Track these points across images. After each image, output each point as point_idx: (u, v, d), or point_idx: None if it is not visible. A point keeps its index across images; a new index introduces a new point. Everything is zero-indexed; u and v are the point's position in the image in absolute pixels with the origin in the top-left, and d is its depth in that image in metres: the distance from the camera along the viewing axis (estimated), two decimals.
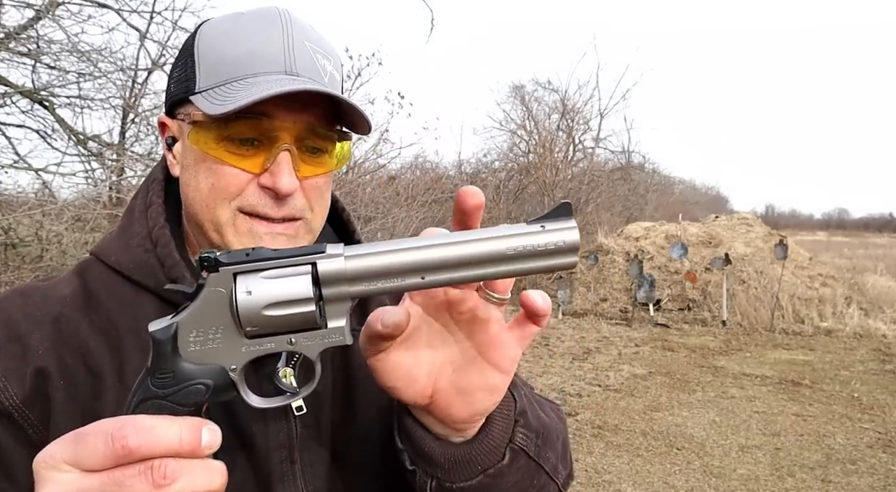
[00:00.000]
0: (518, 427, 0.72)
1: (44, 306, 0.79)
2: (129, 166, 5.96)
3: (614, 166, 23.40)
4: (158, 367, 0.57)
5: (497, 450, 0.70)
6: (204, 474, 0.54)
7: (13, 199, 5.20)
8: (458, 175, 16.72)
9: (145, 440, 0.51)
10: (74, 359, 0.76)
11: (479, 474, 0.70)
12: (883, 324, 10.69)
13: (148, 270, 0.81)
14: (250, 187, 0.78)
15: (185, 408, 0.57)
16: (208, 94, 0.77)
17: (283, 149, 0.76)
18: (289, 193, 0.77)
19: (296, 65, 0.78)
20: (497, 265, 0.58)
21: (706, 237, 13.52)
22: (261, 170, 0.77)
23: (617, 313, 11.98)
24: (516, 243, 0.57)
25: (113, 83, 5.84)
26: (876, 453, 5.50)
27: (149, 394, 0.57)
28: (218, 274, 0.57)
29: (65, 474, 0.52)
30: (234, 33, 0.79)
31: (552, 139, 19.65)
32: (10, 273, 4.73)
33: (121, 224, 0.87)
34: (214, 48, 0.79)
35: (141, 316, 0.79)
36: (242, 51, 0.77)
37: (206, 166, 0.78)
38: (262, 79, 0.75)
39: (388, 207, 10.06)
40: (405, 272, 0.57)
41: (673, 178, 32.87)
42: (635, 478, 5.05)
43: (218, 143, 0.76)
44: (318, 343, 0.59)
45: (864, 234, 61.28)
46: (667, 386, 7.54)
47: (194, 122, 0.78)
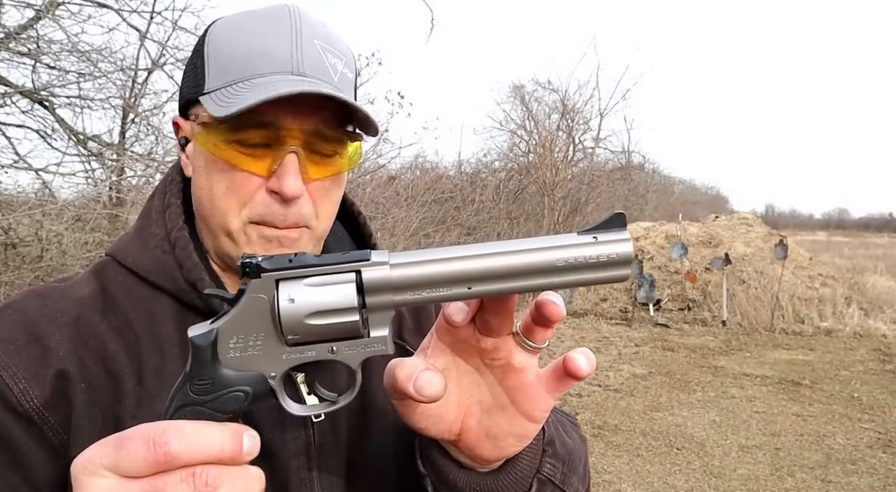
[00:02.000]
0: (546, 457, 0.70)
1: (63, 308, 0.78)
2: (129, 166, 5.96)
3: (614, 166, 23.40)
4: (198, 373, 0.56)
5: (524, 481, 0.68)
6: (244, 481, 0.53)
7: (13, 199, 5.20)
8: (458, 175, 16.72)
9: (188, 447, 0.50)
10: (94, 362, 0.75)
11: None
12: (883, 324, 10.69)
13: (166, 272, 0.80)
14: (259, 194, 0.76)
15: (224, 415, 0.56)
16: (215, 95, 0.76)
17: (290, 151, 0.75)
18: (294, 196, 0.75)
19: (303, 64, 0.76)
20: (546, 277, 0.55)
21: (706, 237, 13.52)
22: (268, 173, 0.76)
23: (617, 313, 11.98)
24: (567, 255, 0.55)
25: (113, 83, 5.84)
26: (876, 453, 5.50)
27: (188, 400, 0.56)
28: (260, 280, 0.55)
29: (105, 480, 0.51)
30: (242, 32, 0.77)
31: (552, 139, 19.63)
32: (10, 273, 4.73)
33: (137, 225, 0.86)
34: (222, 47, 0.77)
35: (158, 318, 0.79)
36: (249, 50, 0.76)
37: (218, 168, 0.77)
38: (268, 79, 0.74)
39: (388, 206, 10.06)
40: (452, 282, 0.55)
41: (673, 178, 32.90)
42: (635, 478, 5.05)
43: (227, 144, 0.75)
44: (359, 352, 0.58)
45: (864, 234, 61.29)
46: (667, 386, 7.54)
47: (203, 123, 0.77)
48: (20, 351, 0.73)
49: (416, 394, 0.58)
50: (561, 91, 21.01)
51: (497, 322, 0.59)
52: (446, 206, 13.50)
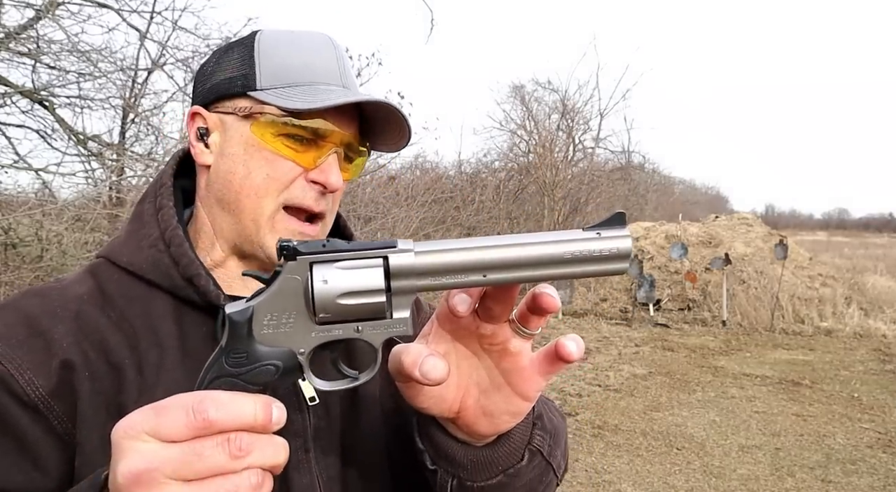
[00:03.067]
0: (536, 430, 0.77)
1: (63, 303, 0.81)
2: (129, 166, 5.96)
3: (614, 166, 23.39)
4: (234, 347, 0.60)
5: (517, 451, 0.74)
6: (272, 449, 0.58)
7: (13, 199, 5.20)
8: (458, 175, 16.72)
9: (224, 414, 0.55)
10: (96, 354, 0.79)
11: (500, 473, 0.74)
12: (883, 324, 10.70)
13: (162, 269, 0.84)
14: (298, 181, 0.86)
15: (255, 387, 0.60)
16: (277, 92, 0.84)
17: (334, 151, 0.87)
18: (337, 188, 0.87)
19: (347, 81, 0.89)
20: (553, 268, 0.61)
21: (706, 237, 13.52)
22: (311, 166, 0.86)
23: (617, 313, 11.98)
24: (574, 248, 0.60)
25: (113, 83, 5.84)
26: (876, 453, 5.50)
27: (223, 372, 0.60)
28: (295, 263, 0.60)
29: (146, 444, 0.54)
30: (294, 45, 0.88)
31: (552, 139, 19.62)
32: (10, 273, 4.73)
33: (129, 229, 0.90)
34: (276, 54, 0.87)
35: (154, 314, 0.83)
36: (305, 61, 0.87)
37: (262, 156, 0.85)
38: (324, 88, 0.85)
39: (388, 206, 10.07)
40: (469, 270, 0.60)
41: (673, 178, 32.89)
42: (635, 478, 5.05)
43: (276, 136, 0.84)
44: (382, 332, 0.62)
45: (864, 234, 61.28)
46: (667, 386, 7.54)
47: (253, 114, 0.85)
48: (22, 344, 0.76)
49: (421, 377, 0.62)
50: (561, 91, 21.02)
51: (499, 310, 0.65)
52: (446, 206, 13.49)
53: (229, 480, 0.55)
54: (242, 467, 0.55)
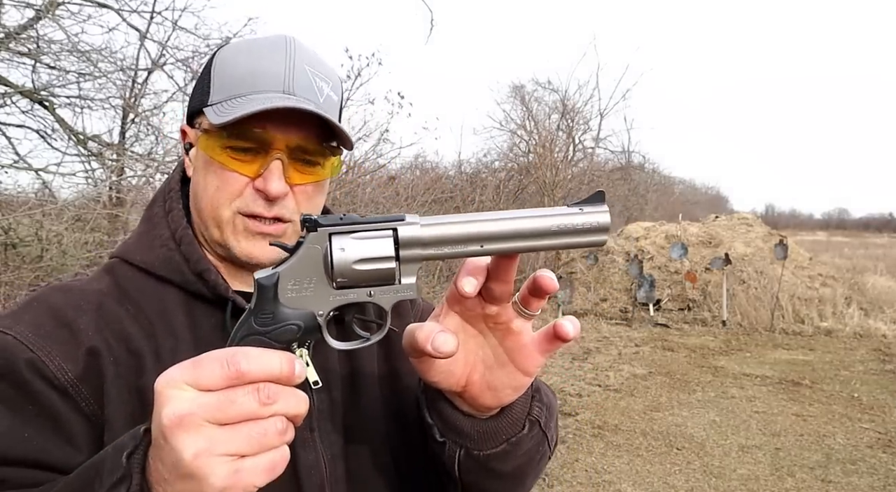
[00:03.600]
0: (534, 402, 0.84)
1: (85, 297, 0.89)
2: (129, 166, 5.96)
3: (614, 166, 23.39)
4: (261, 308, 0.67)
5: (519, 422, 0.82)
6: (295, 400, 0.64)
7: (13, 199, 5.20)
8: (458, 175, 16.72)
9: (254, 366, 0.62)
10: (117, 342, 0.85)
11: (504, 442, 0.81)
12: (883, 324, 10.70)
13: (174, 266, 0.91)
14: (247, 190, 0.89)
15: (279, 344, 0.67)
16: (216, 106, 0.89)
17: (276, 157, 0.88)
18: (277, 195, 0.88)
19: (294, 86, 0.89)
20: (542, 239, 0.69)
21: (706, 237, 13.52)
22: (256, 174, 0.89)
23: (617, 313, 11.98)
24: (560, 222, 0.69)
25: (113, 83, 5.84)
26: (876, 453, 5.50)
27: (252, 331, 0.67)
28: (317, 233, 0.67)
29: (185, 392, 0.61)
30: (245, 55, 0.91)
31: (552, 139, 19.61)
32: (10, 273, 4.73)
33: (140, 230, 0.97)
34: (226, 67, 0.91)
35: (168, 307, 0.89)
36: (247, 71, 0.89)
37: (213, 170, 0.90)
38: (262, 96, 0.87)
39: (388, 207, 10.06)
40: (468, 240, 0.68)
41: (673, 178, 32.87)
42: (635, 478, 5.05)
43: (222, 149, 0.88)
44: (391, 296, 0.69)
45: (864, 234, 61.27)
46: (667, 386, 7.54)
47: (204, 130, 0.90)
48: (51, 334, 0.83)
49: (433, 351, 0.69)
50: (561, 91, 21.02)
51: (500, 291, 0.71)
52: (446, 206, 13.49)
53: (259, 424, 0.61)
54: (269, 414, 0.62)
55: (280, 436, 0.63)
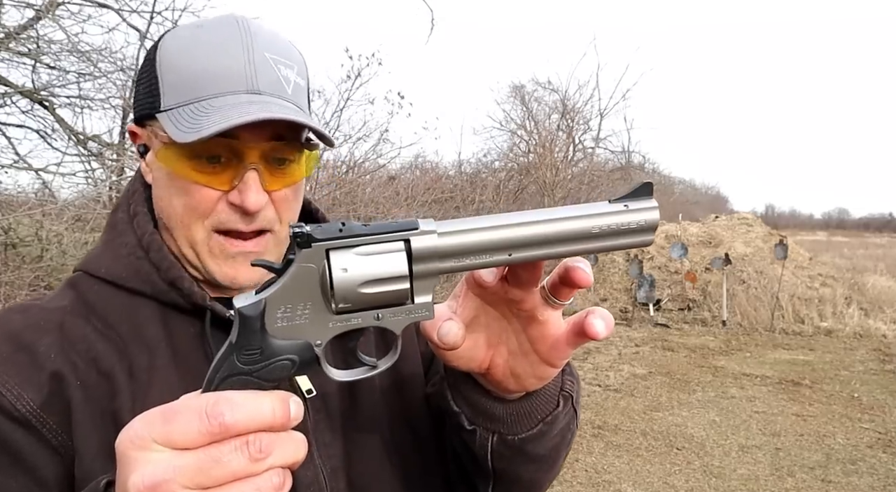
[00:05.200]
0: (566, 376, 0.77)
1: (46, 316, 0.80)
2: (129, 166, 5.95)
3: (614, 166, 23.38)
4: (246, 343, 0.56)
5: (553, 398, 0.75)
6: (293, 446, 0.55)
7: (13, 199, 5.20)
8: (458, 175, 16.73)
9: (241, 416, 0.52)
10: (85, 363, 0.77)
11: (539, 423, 0.74)
12: (883, 324, 10.69)
13: (143, 276, 0.81)
14: (220, 205, 0.79)
15: (270, 383, 0.56)
16: (173, 114, 0.77)
17: (251, 168, 0.77)
18: (256, 210, 0.78)
19: (258, 81, 0.77)
20: (581, 243, 0.59)
21: (706, 237, 13.52)
22: (229, 187, 0.78)
23: (617, 313, 11.98)
24: (602, 222, 0.59)
25: (113, 83, 5.84)
26: (876, 453, 5.50)
27: (235, 370, 0.56)
28: (310, 250, 0.55)
29: (157, 454, 0.51)
30: (194, 49, 0.78)
31: (552, 139, 19.61)
32: (10, 273, 4.73)
33: (104, 239, 0.87)
34: (175, 65, 0.78)
35: (140, 320, 0.81)
36: (203, 69, 0.77)
37: (178, 186, 0.79)
38: (226, 101, 0.75)
39: (388, 206, 10.06)
40: (495, 249, 0.57)
41: (673, 178, 32.81)
42: (635, 478, 5.05)
43: (187, 161, 0.77)
44: (404, 318, 0.59)
45: (864, 234, 61.24)
46: (667, 386, 7.54)
47: (162, 141, 0.79)
48: (7, 360, 0.75)
49: (438, 341, 0.63)
50: (561, 91, 20.99)
51: (527, 276, 0.62)
52: (446, 206, 13.49)
53: (251, 482, 0.52)
54: (264, 469, 0.53)
55: (276, 491, 0.53)
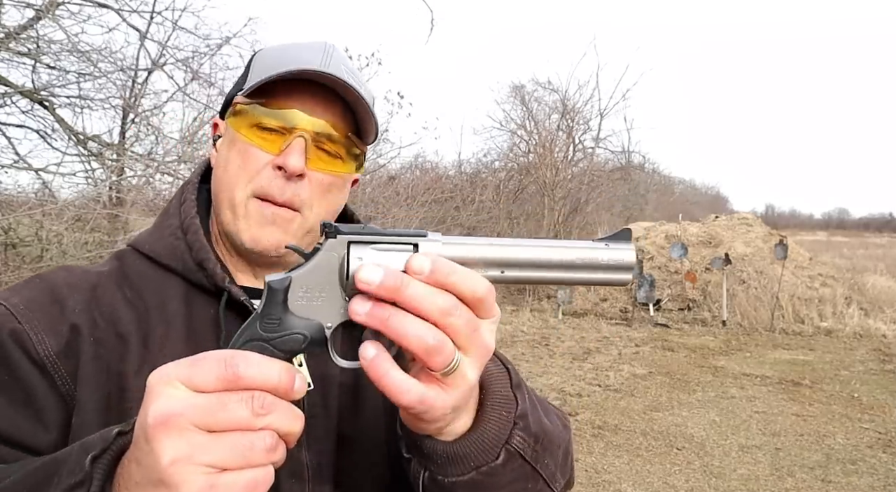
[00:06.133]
0: (516, 430, 0.74)
1: (84, 277, 0.89)
2: (129, 166, 5.96)
3: (614, 166, 23.35)
4: (268, 313, 0.64)
5: (492, 449, 0.72)
6: (290, 416, 0.60)
7: (13, 199, 5.20)
8: (458, 175, 16.73)
9: (253, 372, 0.58)
10: (106, 323, 0.85)
11: (472, 470, 0.71)
12: (883, 324, 10.70)
13: (177, 255, 0.90)
14: (266, 169, 0.88)
15: (282, 354, 0.63)
16: (248, 87, 0.90)
17: (298, 135, 0.87)
18: (294, 170, 0.86)
19: (328, 69, 0.87)
20: (564, 271, 0.67)
21: (706, 237, 13.52)
22: (278, 151, 0.87)
23: (617, 313, 11.98)
24: (584, 255, 0.67)
25: (113, 83, 5.84)
26: (876, 453, 5.50)
27: (255, 335, 0.63)
28: (335, 240, 0.64)
29: (177, 391, 0.57)
30: (284, 50, 0.92)
31: (552, 139, 19.61)
32: (10, 273, 4.73)
33: (157, 221, 0.97)
34: (266, 60, 0.92)
35: (166, 295, 0.89)
36: (284, 58, 0.89)
37: (237, 147, 0.90)
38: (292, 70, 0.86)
39: (388, 206, 10.07)
40: (490, 265, 0.66)
41: (673, 178, 32.84)
42: (635, 478, 5.05)
43: (249, 127, 0.88)
44: None
45: (864, 234, 61.26)
46: (667, 386, 7.54)
47: (233, 112, 0.91)
48: (41, 308, 0.83)
49: None
50: (561, 91, 20.97)
51: None
52: (446, 206, 13.50)
53: (246, 436, 0.57)
54: (261, 426, 0.58)
55: (268, 453, 0.58)
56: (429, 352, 0.60)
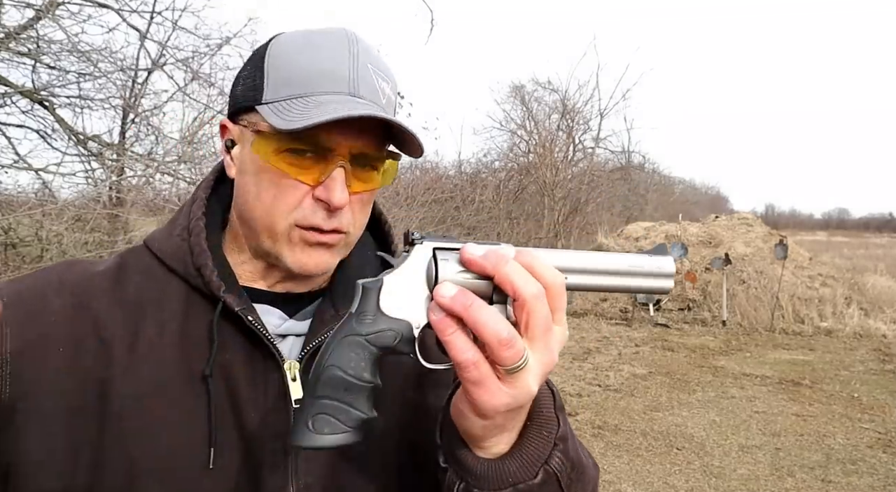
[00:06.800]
0: (556, 451, 0.74)
1: (79, 278, 0.85)
2: (129, 166, 5.96)
3: (614, 166, 23.37)
4: (363, 311, 0.69)
5: (531, 467, 0.72)
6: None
7: (13, 199, 5.20)
8: (458, 175, 16.73)
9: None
10: (89, 328, 0.81)
11: (509, 486, 0.71)
12: (883, 324, 10.70)
13: (180, 256, 0.87)
14: (306, 201, 0.82)
15: (376, 349, 0.68)
16: (275, 106, 0.81)
17: (339, 165, 0.81)
18: (340, 206, 0.81)
19: (359, 87, 0.82)
20: (617, 278, 0.75)
21: (706, 237, 13.52)
22: (316, 183, 0.82)
23: (617, 313, 11.98)
24: (632, 262, 0.76)
25: (113, 83, 5.83)
26: (876, 453, 5.50)
27: (352, 331, 0.68)
28: (422, 246, 0.71)
29: None
30: (304, 50, 0.83)
31: (552, 139, 19.63)
32: (10, 273, 4.73)
33: (170, 219, 0.94)
34: (284, 62, 0.83)
35: (165, 296, 0.85)
36: (311, 68, 0.82)
37: (269, 177, 0.83)
38: (328, 99, 0.80)
39: (388, 206, 10.07)
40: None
41: (673, 178, 32.85)
42: (635, 478, 5.05)
43: (278, 154, 0.81)
44: None
45: (864, 234, 61.27)
46: (667, 386, 7.54)
47: (258, 131, 0.83)
48: (25, 302, 0.81)
49: None
50: (561, 91, 20.98)
51: None
52: (446, 206, 13.51)
53: None
54: None
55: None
56: (501, 343, 0.64)
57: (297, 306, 0.90)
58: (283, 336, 0.87)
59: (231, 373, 0.82)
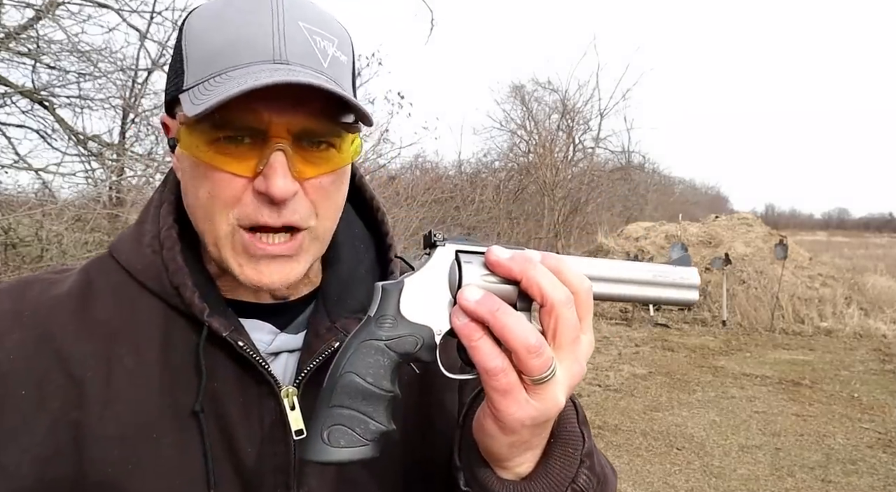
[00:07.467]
0: (583, 468, 0.70)
1: (37, 305, 0.74)
2: (129, 166, 5.96)
3: (614, 166, 23.37)
4: (383, 314, 0.64)
5: (559, 487, 0.68)
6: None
7: (13, 199, 5.20)
8: (457, 175, 16.74)
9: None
10: (55, 365, 0.71)
11: None
12: (883, 324, 10.69)
13: (153, 273, 0.76)
14: (246, 196, 0.69)
15: (397, 354, 0.64)
16: (192, 92, 0.69)
17: (277, 149, 0.68)
18: (283, 198, 0.68)
19: (286, 51, 0.68)
20: (643, 287, 0.73)
21: (706, 237, 13.52)
22: (254, 173, 0.69)
23: (617, 313, 11.98)
24: (657, 271, 0.74)
25: (113, 83, 5.83)
26: (876, 453, 5.50)
27: (371, 336, 0.64)
28: (444, 248, 0.67)
29: None
30: (219, 20, 0.69)
31: (552, 139, 19.63)
32: (10, 273, 4.73)
33: (138, 219, 0.82)
34: (199, 39, 0.70)
35: (139, 317, 0.75)
36: (227, 40, 0.68)
37: (201, 173, 0.70)
38: (246, 71, 0.66)
39: (388, 206, 10.06)
40: None
41: (673, 178, 32.83)
42: (635, 478, 5.05)
43: (208, 145, 0.68)
44: None
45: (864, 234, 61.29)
46: (667, 386, 7.54)
47: (183, 123, 0.70)
48: None
49: None
50: (561, 91, 20.98)
51: None
52: (446, 206, 13.51)
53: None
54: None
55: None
56: (529, 351, 0.60)
57: (288, 316, 0.80)
58: (275, 354, 0.78)
59: (221, 403, 0.73)
